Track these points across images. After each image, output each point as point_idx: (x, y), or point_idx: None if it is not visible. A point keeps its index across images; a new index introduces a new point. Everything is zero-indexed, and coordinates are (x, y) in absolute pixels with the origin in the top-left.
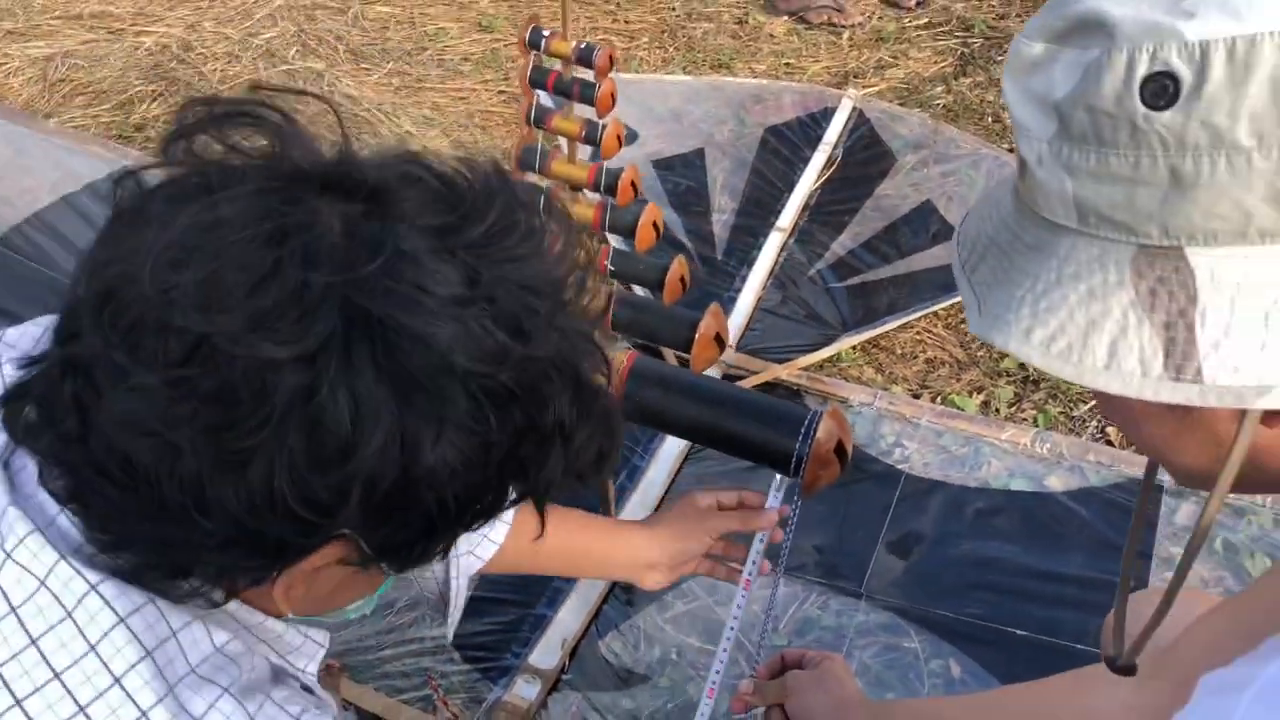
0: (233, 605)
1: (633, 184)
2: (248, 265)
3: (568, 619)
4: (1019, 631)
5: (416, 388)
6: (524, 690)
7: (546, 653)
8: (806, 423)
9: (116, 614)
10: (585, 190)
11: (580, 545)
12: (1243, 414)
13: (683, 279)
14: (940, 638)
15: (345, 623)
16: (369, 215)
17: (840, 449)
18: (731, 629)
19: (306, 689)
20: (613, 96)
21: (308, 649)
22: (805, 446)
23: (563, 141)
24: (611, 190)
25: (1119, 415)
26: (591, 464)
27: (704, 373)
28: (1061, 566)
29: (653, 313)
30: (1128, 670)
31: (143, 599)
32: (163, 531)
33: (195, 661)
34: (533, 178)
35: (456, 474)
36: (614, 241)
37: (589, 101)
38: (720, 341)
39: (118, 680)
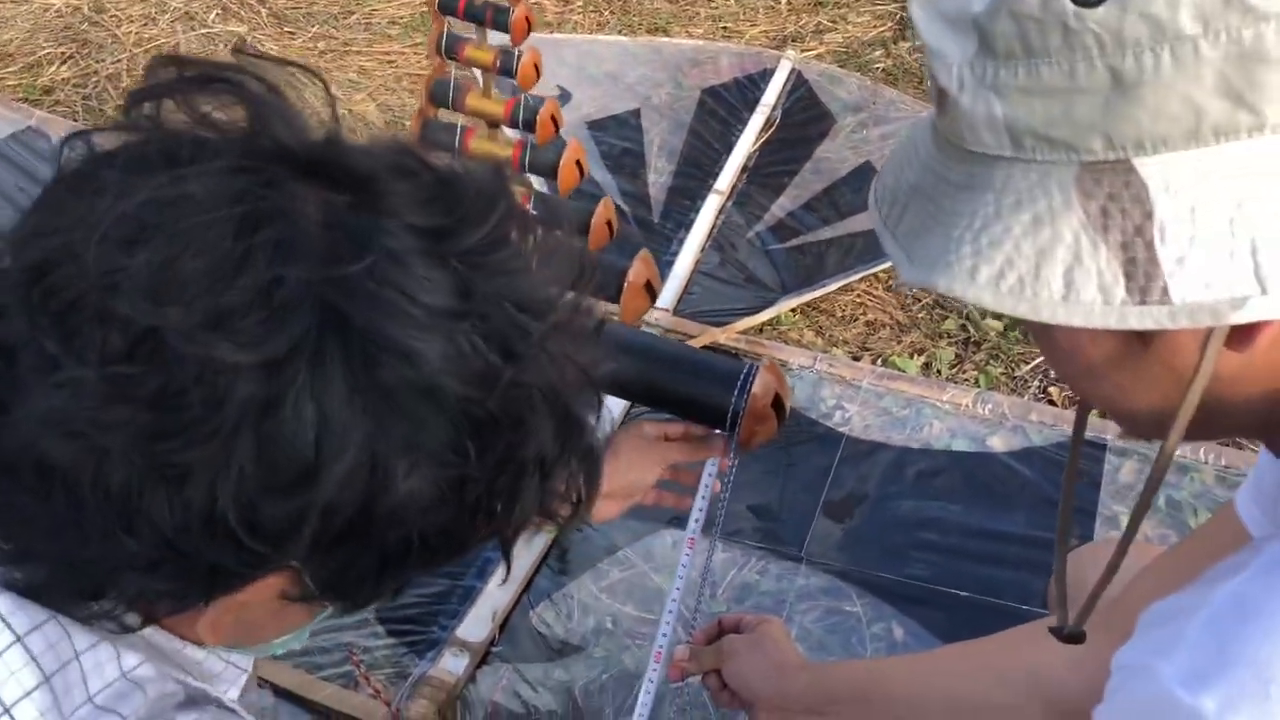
0: (148, 630)
1: (553, 119)
2: (212, 252)
3: (497, 590)
4: (962, 593)
5: (393, 409)
6: (451, 664)
7: (475, 625)
8: (742, 377)
9: (13, 632)
10: (503, 127)
11: None
12: (1205, 340)
13: (609, 223)
14: (882, 600)
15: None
16: (355, 208)
17: (778, 403)
18: (677, 589)
19: (227, 708)
20: (528, 21)
21: (229, 675)
22: (741, 401)
23: (478, 74)
24: (530, 126)
25: (1068, 365)
26: (567, 505)
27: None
28: (1004, 526)
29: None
30: (1076, 638)
31: (44, 615)
32: (77, 547)
33: (95, 690)
34: (446, 115)
35: (426, 511)
36: (535, 184)
37: (503, 28)
38: (651, 290)
39: (7, 710)
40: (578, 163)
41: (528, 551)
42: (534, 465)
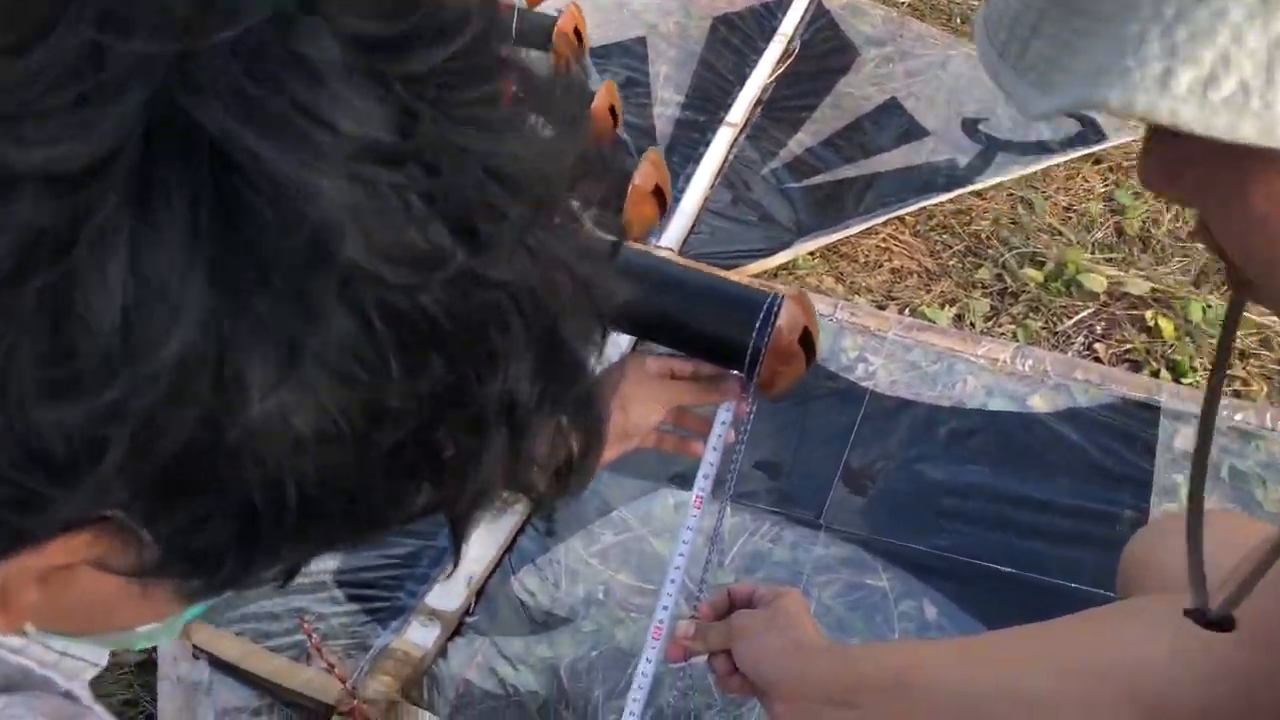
0: None
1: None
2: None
3: (475, 552)
4: (1002, 568)
5: (260, 280)
6: (419, 635)
7: (448, 592)
8: (765, 308)
9: None
10: None
11: None
12: None
13: (613, 109)
14: (911, 574)
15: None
16: None
17: (806, 339)
18: (680, 555)
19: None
20: None
21: (67, 666)
22: (763, 336)
23: None
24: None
25: (1257, 237)
26: (550, 475)
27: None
28: (1047, 495)
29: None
30: (1224, 624)
31: None
32: None
33: None
34: None
35: (307, 449)
36: None
37: None
38: (661, 197)
39: None
40: (611, 108)
41: (507, 511)
42: (500, 411)
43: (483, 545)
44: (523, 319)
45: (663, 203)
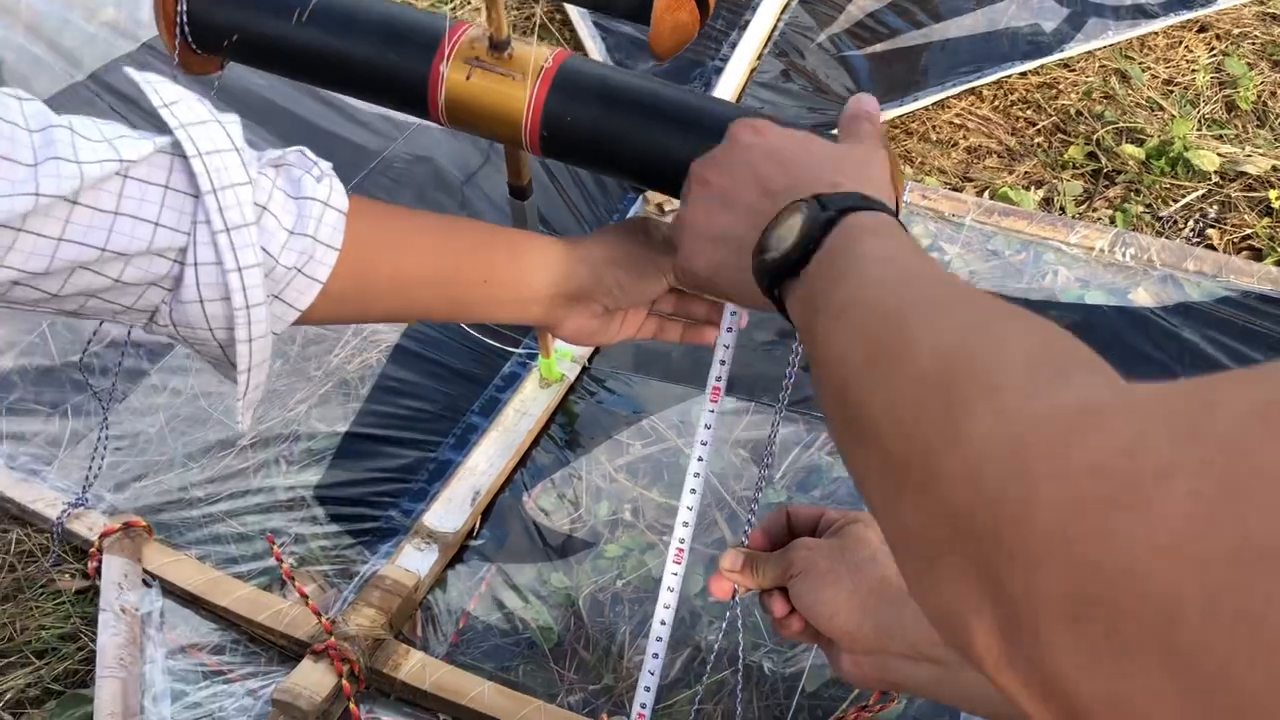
0: None
1: None
2: None
3: (482, 463)
4: None
5: None
6: (413, 560)
7: (450, 510)
8: None
9: None
10: None
11: (448, 263)
12: None
13: None
14: None
15: None
16: None
17: None
18: (700, 459)
19: None
20: None
21: None
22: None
23: None
24: None
25: None
26: None
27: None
28: None
29: None
30: None
31: None
32: None
33: None
34: None
35: None
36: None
37: None
38: (703, 1)
39: None
40: None
41: (526, 413)
42: None
43: (491, 458)
44: None
45: (704, 8)
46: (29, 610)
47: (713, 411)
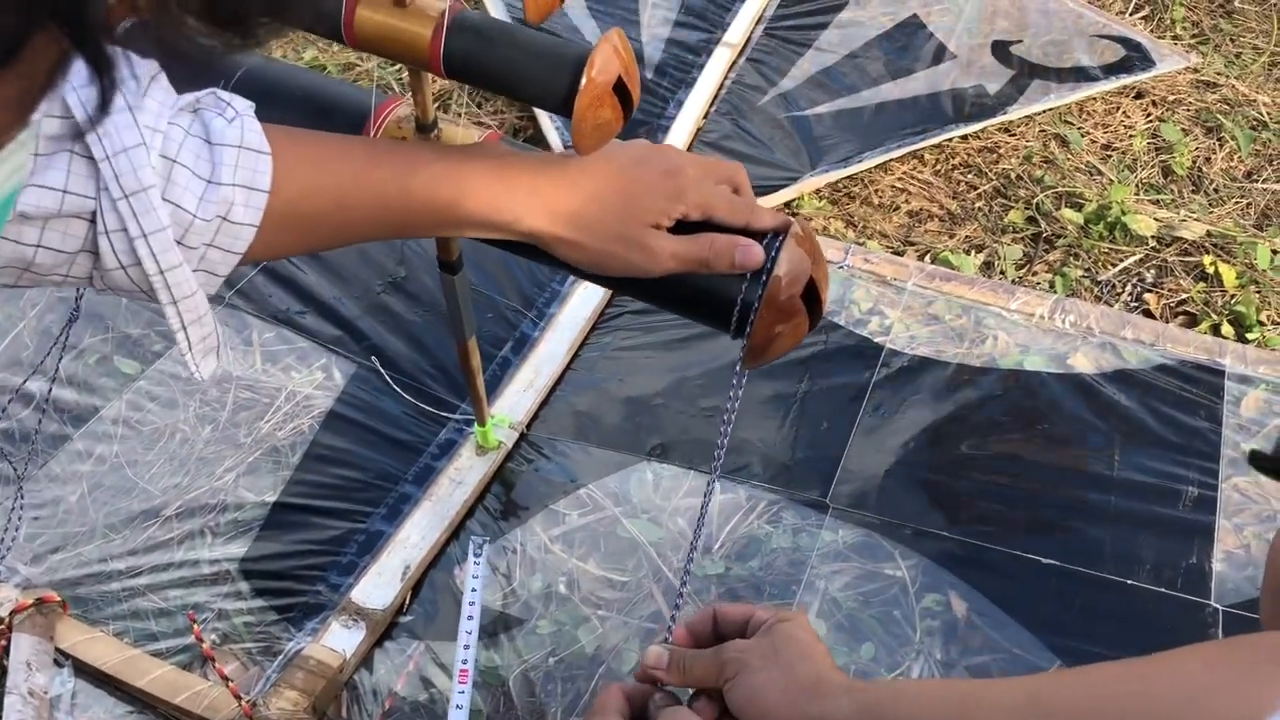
0: None
1: None
2: None
3: (414, 535)
4: (1043, 559)
5: None
6: (339, 639)
7: (379, 585)
8: (764, 250)
9: None
10: None
11: (423, 178)
12: None
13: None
14: (935, 563)
15: None
16: None
17: (812, 291)
18: (471, 603)
19: None
20: None
21: None
22: (759, 288)
23: None
24: None
25: None
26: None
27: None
28: (1096, 468)
29: (509, 44)
30: None
31: None
32: None
33: None
34: None
35: None
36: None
37: None
38: (625, 96)
39: None
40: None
41: (456, 487)
42: None
43: (423, 529)
44: None
45: (627, 105)
46: None
47: (478, 563)
